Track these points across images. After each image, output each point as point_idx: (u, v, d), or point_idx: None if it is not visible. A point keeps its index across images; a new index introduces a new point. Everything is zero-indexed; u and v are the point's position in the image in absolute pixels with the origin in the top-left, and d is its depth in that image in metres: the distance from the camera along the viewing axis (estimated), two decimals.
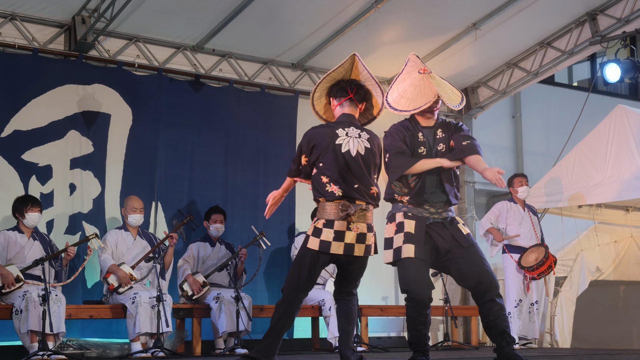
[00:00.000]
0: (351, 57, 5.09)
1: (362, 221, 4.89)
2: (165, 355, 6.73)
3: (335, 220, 4.82)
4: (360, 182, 4.89)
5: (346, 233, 4.83)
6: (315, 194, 4.92)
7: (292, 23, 8.47)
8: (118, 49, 8.26)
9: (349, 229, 4.84)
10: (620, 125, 8.72)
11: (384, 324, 9.54)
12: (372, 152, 4.99)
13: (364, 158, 4.92)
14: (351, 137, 4.94)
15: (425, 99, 4.97)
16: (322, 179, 4.87)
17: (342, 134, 4.93)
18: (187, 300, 7.52)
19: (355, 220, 4.86)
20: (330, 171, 4.85)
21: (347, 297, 5.08)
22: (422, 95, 4.99)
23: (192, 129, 8.57)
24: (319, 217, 4.88)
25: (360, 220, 4.88)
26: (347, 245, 4.84)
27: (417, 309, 4.91)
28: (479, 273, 4.89)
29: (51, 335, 6.36)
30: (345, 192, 4.83)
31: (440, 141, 5.07)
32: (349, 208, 4.80)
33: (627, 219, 10.00)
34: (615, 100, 11.70)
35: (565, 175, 9.09)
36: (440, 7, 8.54)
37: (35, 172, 7.66)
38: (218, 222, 7.83)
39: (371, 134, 5.08)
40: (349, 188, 4.85)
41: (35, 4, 7.59)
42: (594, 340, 10.22)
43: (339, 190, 4.83)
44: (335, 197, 4.83)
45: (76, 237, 7.67)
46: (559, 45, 9.56)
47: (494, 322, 4.87)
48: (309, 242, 4.86)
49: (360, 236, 4.88)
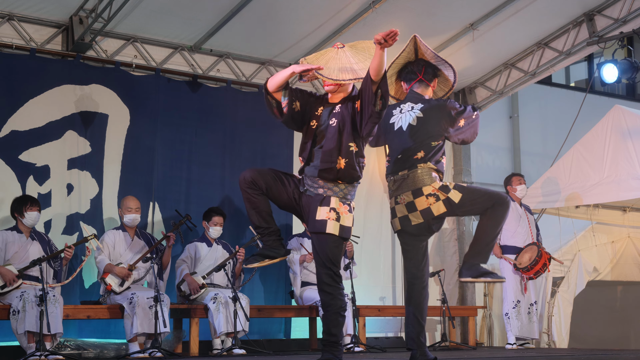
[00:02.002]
0: (412, 39, 5.08)
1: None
2: (162, 355, 6.73)
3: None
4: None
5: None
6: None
7: (289, 23, 8.47)
8: (115, 49, 8.26)
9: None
10: (617, 125, 8.72)
11: (381, 324, 9.54)
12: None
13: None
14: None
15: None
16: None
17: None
18: (185, 301, 7.51)
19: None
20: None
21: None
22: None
23: (189, 129, 8.57)
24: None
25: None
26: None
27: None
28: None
29: (48, 336, 6.36)
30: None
31: (334, 116, 4.75)
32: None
33: (625, 219, 10.01)
34: (612, 101, 11.70)
35: (562, 176, 9.09)
36: (437, 7, 8.55)
37: (32, 172, 7.65)
38: (218, 224, 7.82)
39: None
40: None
41: (33, 4, 7.58)
42: (591, 340, 10.22)
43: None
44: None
45: (74, 238, 7.67)
46: (557, 45, 9.56)
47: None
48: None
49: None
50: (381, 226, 9.72)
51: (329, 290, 4.69)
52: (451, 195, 4.91)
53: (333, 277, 4.70)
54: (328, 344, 4.72)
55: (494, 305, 9.91)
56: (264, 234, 4.82)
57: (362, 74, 4.64)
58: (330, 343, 4.72)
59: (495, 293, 9.91)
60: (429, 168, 4.97)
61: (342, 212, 4.71)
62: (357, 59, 4.75)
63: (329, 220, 4.67)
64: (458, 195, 4.90)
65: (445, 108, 5.12)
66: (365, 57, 4.76)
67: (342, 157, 4.69)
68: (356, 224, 8.84)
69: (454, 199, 4.91)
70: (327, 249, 4.70)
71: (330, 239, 4.68)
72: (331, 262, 4.69)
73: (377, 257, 9.72)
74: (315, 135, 4.77)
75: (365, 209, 9.54)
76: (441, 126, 5.06)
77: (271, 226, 4.81)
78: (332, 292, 4.69)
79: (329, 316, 4.72)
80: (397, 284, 9.80)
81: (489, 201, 4.91)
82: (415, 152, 5.01)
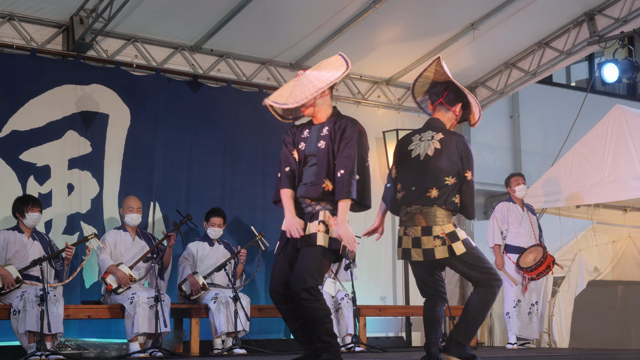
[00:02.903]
0: (436, 60, 5.01)
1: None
2: (163, 355, 6.73)
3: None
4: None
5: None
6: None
7: (290, 23, 8.47)
8: (116, 49, 8.26)
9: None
10: (618, 125, 8.72)
11: (382, 324, 9.54)
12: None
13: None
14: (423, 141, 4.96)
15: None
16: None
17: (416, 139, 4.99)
18: (185, 300, 7.51)
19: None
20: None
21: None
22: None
23: (190, 129, 8.57)
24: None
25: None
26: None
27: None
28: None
29: (49, 336, 6.36)
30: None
31: (322, 138, 4.76)
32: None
33: (625, 219, 10.01)
34: (613, 100, 11.71)
35: (563, 175, 9.09)
36: (438, 7, 8.55)
37: (33, 172, 7.65)
38: (216, 225, 7.80)
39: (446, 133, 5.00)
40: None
41: (33, 4, 7.58)
42: (592, 340, 10.22)
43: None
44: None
45: (74, 238, 7.67)
46: (557, 45, 9.56)
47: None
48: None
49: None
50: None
51: (310, 305, 4.56)
52: (455, 246, 4.82)
53: (311, 292, 4.57)
54: (328, 346, 4.69)
55: (495, 305, 9.89)
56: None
57: (321, 84, 4.63)
58: (330, 345, 4.68)
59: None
60: (443, 209, 4.88)
61: (331, 224, 4.66)
62: (320, 74, 4.74)
63: (318, 233, 4.61)
64: (461, 250, 4.82)
65: (461, 147, 4.93)
66: (329, 70, 4.75)
67: (329, 180, 4.67)
68: (356, 225, 8.85)
69: (456, 251, 4.82)
70: (314, 260, 4.58)
71: (319, 251, 4.61)
72: (313, 275, 4.55)
73: (378, 257, 9.71)
74: (305, 156, 4.79)
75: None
76: (455, 163, 4.90)
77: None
78: (313, 305, 4.57)
79: (318, 327, 4.63)
80: (397, 283, 9.80)
81: (483, 275, 4.85)
82: (429, 187, 4.88)
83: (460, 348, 4.87)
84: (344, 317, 7.98)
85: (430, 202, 4.86)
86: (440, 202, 4.86)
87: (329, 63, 4.83)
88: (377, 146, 9.84)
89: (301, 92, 4.66)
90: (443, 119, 5.07)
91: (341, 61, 4.79)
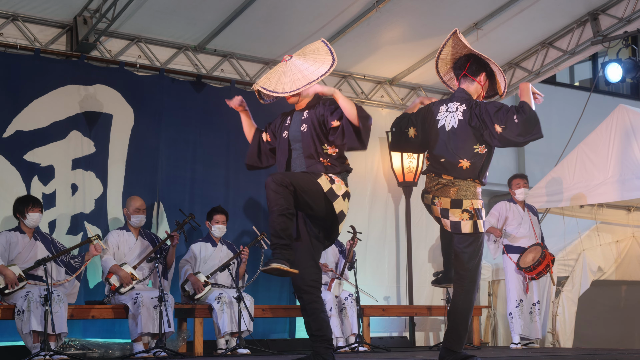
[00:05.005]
0: (454, 33, 5.02)
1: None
2: (167, 355, 6.73)
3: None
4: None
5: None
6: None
7: (293, 23, 8.48)
8: (120, 50, 8.27)
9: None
10: (621, 125, 8.72)
11: (385, 324, 9.54)
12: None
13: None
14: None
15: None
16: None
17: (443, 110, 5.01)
18: (189, 301, 7.52)
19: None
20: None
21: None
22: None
23: (193, 129, 8.58)
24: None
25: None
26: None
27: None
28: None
29: (53, 336, 6.37)
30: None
31: (304, 122, 4.90)
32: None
33: (629, 218, 10.00)
34: (616, 100, 11.69)
35: (566, 175, 9.09)
36: (441, 7, 8.54)
37: (37, 172, 7.66)
38: (220, 222, 7.83)
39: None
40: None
41: (37, 4, 7.60)
42: (595, 340, 10.21)
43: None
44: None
45: (78, 238, 7.68)
46: (561, 45, 9.55)
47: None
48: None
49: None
50: (385, 226, 9.72)
51: (314, 291, 4.85)
52: (479, 223, 4.86)
53: (319, 274, 4.88)
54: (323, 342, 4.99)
55: (499, 305, 9.91)
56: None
57: (312, 77, 4.75)
58: (325, 340, 4.99)
59: (499, 293, 9.91)
60: (476, 184, 4.87)
61: (335, 182, 4.77)
62: (307, 64, 4.85)
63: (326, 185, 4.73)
64: (480, 228, 4.87)
65: (479, 108, 4.93)
66: (316, 59, 4.85)
67: (322, 159, 4.81)
68: (361, 224, 8.92)
69: (480, 228, 4.86)
70: (324, 210, 4.73)
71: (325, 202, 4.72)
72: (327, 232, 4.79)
73: (382, 256, 9.71)
74: (289, 143, 4.91)
75: (369, 209, 9.54)
76: (477, 128, 4.88)
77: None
78: (315, 292, 4.85)
79: (317, 315, 4.94)
80: (401, 283, 9.79)
81: (469, 272, 4.87)
82: (459, 158, 4.86)
83: (457, 355, 4.89)
84: (348, 317, 7.99)
85: (463, 174, 4.86)
86: (474, 174, 4.86)
87: (313, 50, 4.93)
88: (381, 146, 9.84)
89: (291, 82, 4.78)
90: (469, 90, 5.06)
91: (325, 49, 4.91)
